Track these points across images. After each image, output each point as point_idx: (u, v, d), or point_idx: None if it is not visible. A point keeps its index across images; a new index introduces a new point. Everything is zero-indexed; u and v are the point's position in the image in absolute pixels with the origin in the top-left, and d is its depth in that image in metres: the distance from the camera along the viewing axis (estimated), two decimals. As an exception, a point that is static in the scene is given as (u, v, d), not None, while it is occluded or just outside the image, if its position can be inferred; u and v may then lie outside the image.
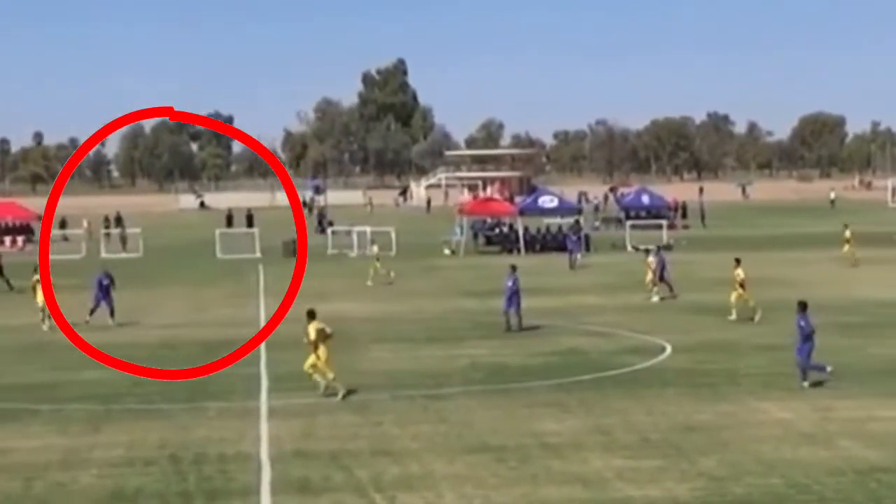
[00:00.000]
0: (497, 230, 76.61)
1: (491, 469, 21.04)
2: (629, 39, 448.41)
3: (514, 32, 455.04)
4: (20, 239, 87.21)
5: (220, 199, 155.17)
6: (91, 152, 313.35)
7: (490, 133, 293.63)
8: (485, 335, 37.13)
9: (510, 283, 37.91)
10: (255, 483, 20.37)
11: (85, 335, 38.48)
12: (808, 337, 27.87)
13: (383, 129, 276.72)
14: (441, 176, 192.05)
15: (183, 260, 70.88)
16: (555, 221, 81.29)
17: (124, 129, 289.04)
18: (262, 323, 40.95)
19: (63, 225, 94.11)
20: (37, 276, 42.00)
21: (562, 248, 68.12)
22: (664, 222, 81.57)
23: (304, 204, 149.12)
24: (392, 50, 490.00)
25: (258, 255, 69.74)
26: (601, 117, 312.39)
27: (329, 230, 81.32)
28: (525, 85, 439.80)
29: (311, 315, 28.25)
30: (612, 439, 23.17)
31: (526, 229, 73.58)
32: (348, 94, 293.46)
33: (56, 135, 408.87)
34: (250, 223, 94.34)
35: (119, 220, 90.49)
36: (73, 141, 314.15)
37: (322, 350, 27.71)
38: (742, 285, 39.70)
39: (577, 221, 75.19)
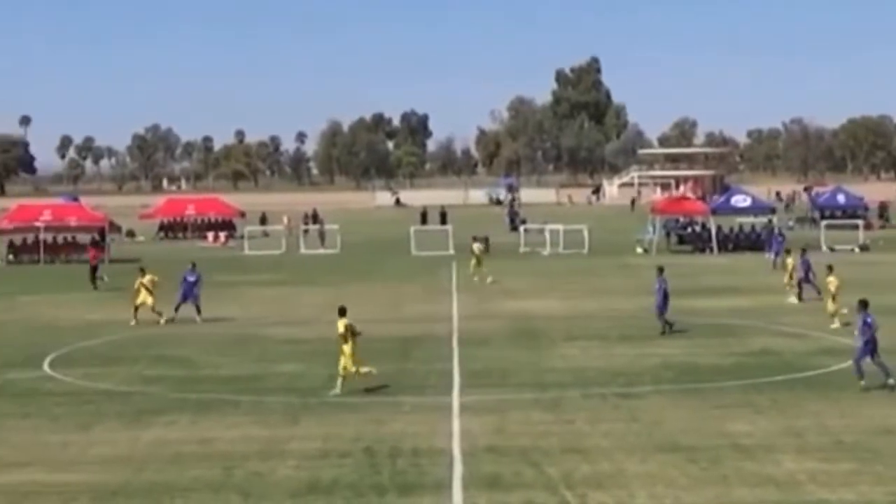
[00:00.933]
0: (689, 229, 75.71)
1: (682, 469, 20.82)
2: (825, 38, 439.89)
3: (708, 30, 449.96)
4: (222, 234, 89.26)
5: (415, 197, 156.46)
6: (291, 150, 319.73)
7: (683, 131, 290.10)
8: (676, 334, 36.71)
9: (659, 286, 37.36)
10: (447, 478, 20.50)
11: (287, 330, 39.23)
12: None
13: (576, 126, 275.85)
14: (634, 174, 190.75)
15: (379, 256, 71.64)
16: (748, 221, 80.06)
17: (323, 126, 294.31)
18: (455, 319, 41.18)
19: (263, 221, 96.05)
20: (146, 277, 41.66)
21: (755, 247, 67.01)
22: (860, 222, 79.60)
23: (498, 202, 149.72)
24: (586, 48, 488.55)
25: (451, 252, 70.12)
26: (796, 116, 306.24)
27: (521, 228, 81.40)
28: (719, 83, 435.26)
29: (342, 312, 28.72)
30: (805, 441, 22.73)
31: (719, 228, 72.60)
32: (542, 92, 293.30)
33: (257, 133, 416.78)
34: (444, 220, 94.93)
35: (316, 217, 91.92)
36: (273, 139, 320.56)
37: (349, 345, 28.13)
38: (834, 292, 38.05)
39: (770, 221, 73.90)
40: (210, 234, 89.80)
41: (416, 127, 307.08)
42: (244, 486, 20.17)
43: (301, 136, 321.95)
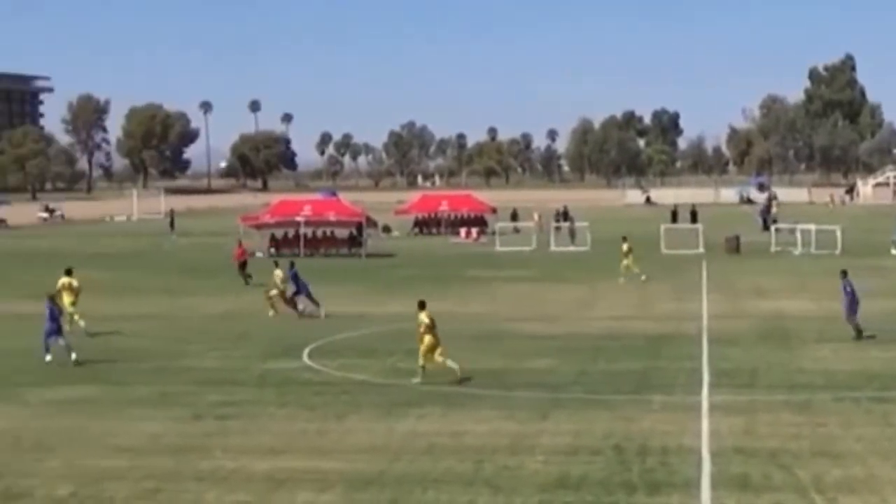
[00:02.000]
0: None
1: (938, 477, 20.11)
2: None
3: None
4: (474, 230, 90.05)
5: (666, 195, 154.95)
6: (542, 148, 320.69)
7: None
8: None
9: (846, 289, 35.91)
10: (695, 477, 20.25)
11: (537, 326, 39.40)
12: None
13: (830, 125, 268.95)
14: (889, 174, 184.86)
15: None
16: None
17: (575, 124, 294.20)
18: (705, 318, 40.66)
19: (514, 217, 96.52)
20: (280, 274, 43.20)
21: None
22: None
23: (748, 200, 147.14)
24: (840, 46, 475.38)
25: (702, 250, 69.23)
26: None
27: (773, 227, 79.83)
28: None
29: (422, 305, 29.93)
30: None
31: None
32: (794, 91, 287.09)
33: (509, 130, 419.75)
34: (694, 219, 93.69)
35: (566, 215, 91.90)
36: (524, 136, 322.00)
37: (428, 338, 29.03)
38: None
39: None
40: (462, 230, 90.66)
41: (668, 125, 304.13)
42: (494, 479, 20.31)
43: (552, 134, 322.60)
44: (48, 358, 32.92)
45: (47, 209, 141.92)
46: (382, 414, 25.66)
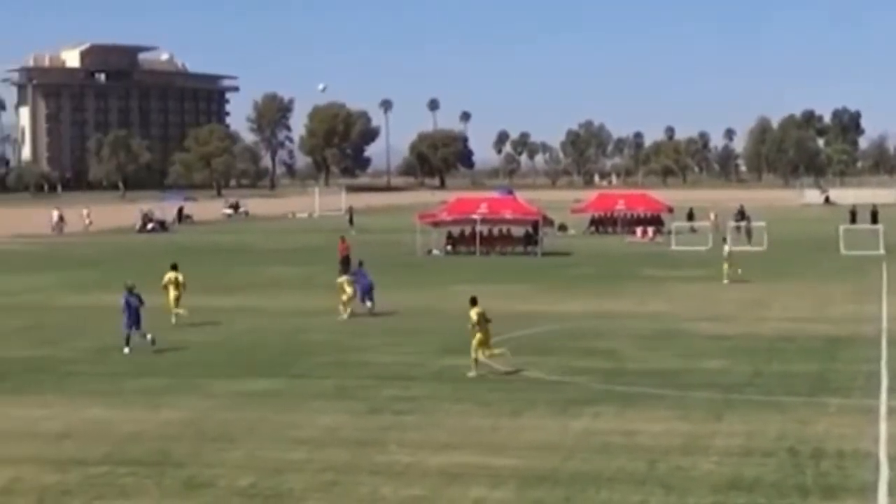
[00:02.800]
0: None
1: None
2: None
3: None
4: (650, 230, 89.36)
5: (845, 195, 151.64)
6: (719, 147, 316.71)
7: None
8: None
9: None
10: (872, 482, 19.79)
11: (711, 326, 38.96)
12: None
13: None
14: None
15: (805, 255, 70.00)
16: None
17: (752, 124, 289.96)
18: (885, 320, 39.69)
19: (691, 217, 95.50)
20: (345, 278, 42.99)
21: None
22: None
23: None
24: None
25: (882, 252, 67.61)
26: None
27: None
28: None
29: (474, 302, 31.17)
30: None
31: None
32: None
33: (686, 129, 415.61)
34: (875, 219, 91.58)
35: (743, 214, 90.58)
36: (702, 135, 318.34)
37: (479, 335, 30.32)
38: None
39: None
40: (638, 230, 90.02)
41: (848, 124, 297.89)
42: (666, 479, 20.13)
43: (730, 133, 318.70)
44: (126, 350, 33.84)
45: (232, 206, 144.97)
46: (557, 411, 25.63)
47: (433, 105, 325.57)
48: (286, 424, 24.46)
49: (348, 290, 40.52)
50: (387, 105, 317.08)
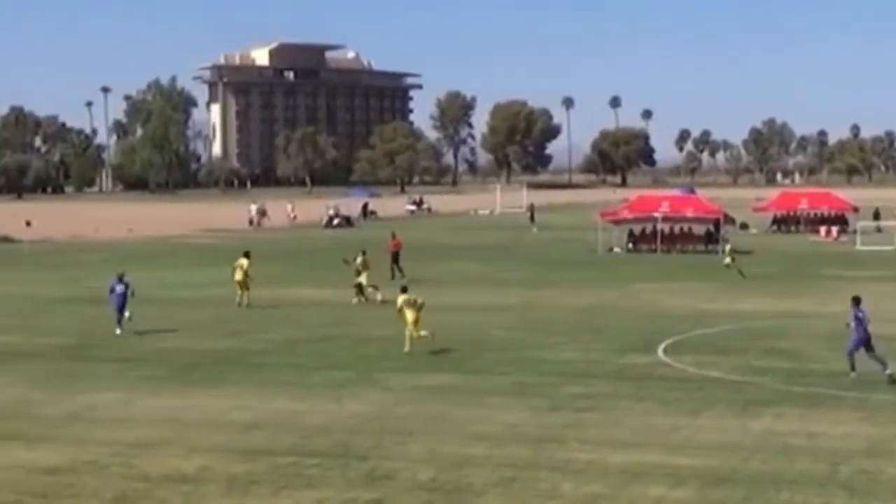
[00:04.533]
0: None
1: None
2: None
3: None
4: (834, 229, 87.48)
5: None
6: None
7: None
8: None
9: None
10: None
11: (891, 328, 37.97)
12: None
13: None
14: None
15: None
16: None
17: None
18: None
19: (877, 216, 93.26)
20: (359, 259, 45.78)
21: None
22: None
23: None
24: None
25: None
26: None
27: None
28: None
29: (404, 290, 35.15)
30: None
31: None
32: None
33: (872, 128, 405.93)
34: None
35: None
36: (888, 134, 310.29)
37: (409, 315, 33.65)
38: None
39: None
40: (822, 229, 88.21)
41: None
42: (850, 482, 19.70)
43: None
44: (118, 332, 37.12)
45: (415, 202, 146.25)
46: (737, 412, 25.28)
47: (615, 102, 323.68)
48: (466, 420, 24.59)
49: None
50: (568, 102, 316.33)
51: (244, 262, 45.14)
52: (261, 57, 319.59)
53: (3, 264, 66.42)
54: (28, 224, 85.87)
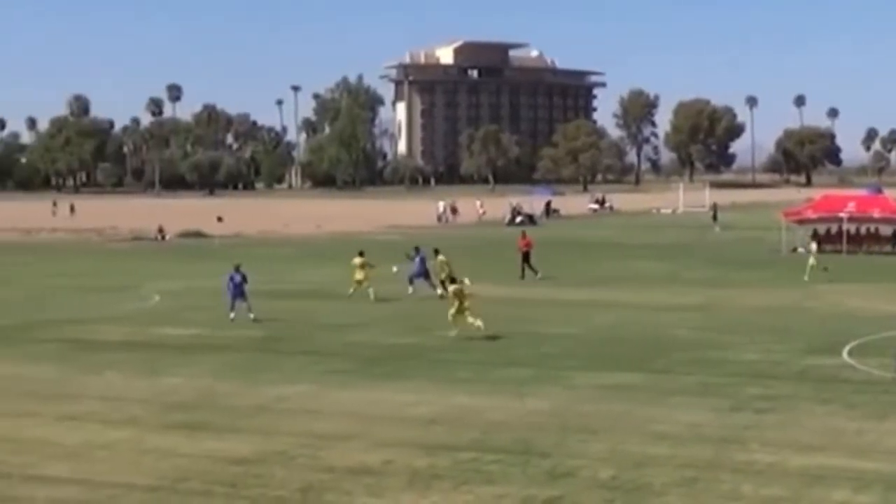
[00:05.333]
0: None
1: None
2: None
3: None
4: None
5: None
6: None
7: None
8: None
9: None
10: None
11: None
12: None
13: None
14: None
15: None
16: None
17: None
18: None
19: None
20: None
21: None
22: None
23: None
24: None
25: None
26: None
27: None
28: None
29: (452, 280, 37.18)
30: None
31: None
32: None
33: None
34: None
35: None
36: None
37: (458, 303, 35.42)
38: None
39: None
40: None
41: None
42: None
43: None
44: (231, 315, 39.76)
45: (597, 200, 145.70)
46: (924, 417, 24.60)
47: (799, 101, 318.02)
48: (648, 419, 24.39)
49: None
50: (752, 101, 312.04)
51: (360, 260, 46.55)
52: (445, 56, 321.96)
53: (196, 258, 68.26)
54: (219, 220, 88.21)
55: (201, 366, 31.30)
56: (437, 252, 47.67)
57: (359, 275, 46.00)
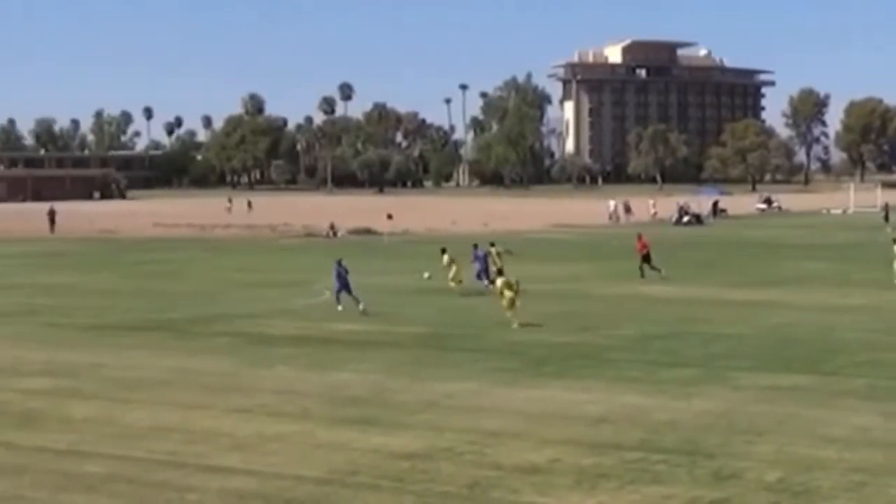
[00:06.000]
0: None
1: None
2: None
3: None
4: None
5: None
6: None
7: None
8: None
9: None
10: None
11: None
12: None
13: None
14: None
15: None
16: None
17: None
18: None
19: None
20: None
21: None
22: None
23: None
24: None
25: None
26: None
27: None
28: None
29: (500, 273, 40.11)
30: None
31: None
32: None
33: None
34: None
35: None
36: None
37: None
38: None
39: None
40: None
41: None
42: None
43: None
44: (339, 308, 41.86)
45: (765, 200, 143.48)
46: None
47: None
48: (816, 421, 23.95)
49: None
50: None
51: (446, 258, 48.53)
52: (613, 54, 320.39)
53: (366, 255, 69.02)
54: (389, 217, 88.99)
55: (371, 362, 31.66)
56: (492, 244, 50.93)
57: (451, 272, 47.81)
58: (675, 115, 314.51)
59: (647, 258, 55.00)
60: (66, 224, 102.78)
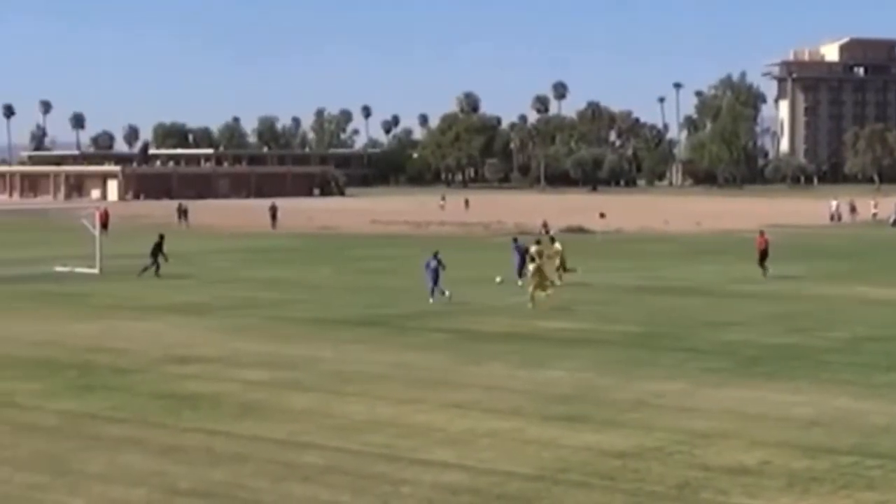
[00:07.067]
0: None
1: None
2: None
3: None
4: None
5: None
6: None
7: None
8: None
9: None
10: None
11: None
12: None
13: None
14: None
15: None
16: None
17: None
18: None
19: None
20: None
21: None
22: None
23: None
24: None
25: None
26: None
27: None
28: None
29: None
30: None
31: None
32: None
33: None
34: None
35: None
36: None
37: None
38: None
39: None
40: None
41: None
42: None
43: None
44: (431, 300, 43.42)
45: None
46: None
47: None
48: None
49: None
50: None
51: (550, 249, 49.52)
52: (830, 52, 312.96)
53: (579, 253, 68.75)
54: (602, 216, 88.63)
55: (581, 359, 31.53)
56: (537, 242, 49.40)
57: (550, 265, 47.70)
58: (893, 114, 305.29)
59: (763, 255, 53.57)
60: (286, 220, 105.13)
